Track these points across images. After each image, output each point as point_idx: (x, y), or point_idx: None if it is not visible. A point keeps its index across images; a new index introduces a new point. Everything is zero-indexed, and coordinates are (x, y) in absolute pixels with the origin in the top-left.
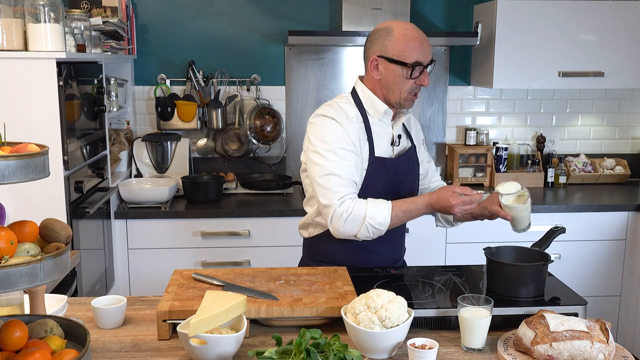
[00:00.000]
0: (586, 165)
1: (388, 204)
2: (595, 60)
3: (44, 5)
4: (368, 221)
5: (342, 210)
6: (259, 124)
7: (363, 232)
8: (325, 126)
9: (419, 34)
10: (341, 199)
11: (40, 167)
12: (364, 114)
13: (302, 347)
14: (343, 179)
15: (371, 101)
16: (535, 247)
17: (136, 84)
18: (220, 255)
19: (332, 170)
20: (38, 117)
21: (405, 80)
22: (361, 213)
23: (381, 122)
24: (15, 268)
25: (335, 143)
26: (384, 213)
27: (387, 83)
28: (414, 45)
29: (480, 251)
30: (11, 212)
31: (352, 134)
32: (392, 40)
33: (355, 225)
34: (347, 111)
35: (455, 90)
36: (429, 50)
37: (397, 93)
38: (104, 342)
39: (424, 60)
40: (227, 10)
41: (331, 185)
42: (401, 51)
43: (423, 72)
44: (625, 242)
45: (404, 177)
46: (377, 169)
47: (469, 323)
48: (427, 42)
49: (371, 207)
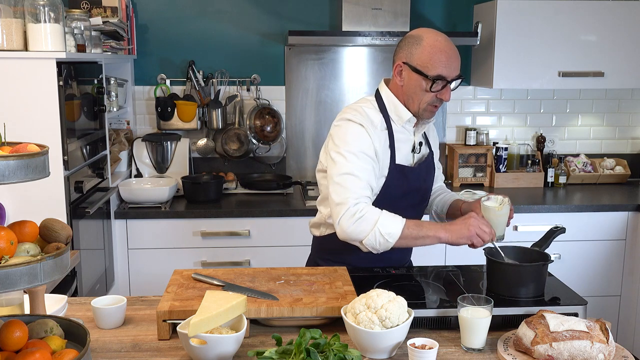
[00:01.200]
0: (586, 165)
1: (402, 218)
2: (595, 60)
3: (44, 5)
4: (378, 227)
5: (355, 210)
6: (259, 124)
7: (370, 238)
8: (351, 130)
9: (448, 47)
10: (356, 199)
11: (40, 167)
12: (388, 120)
13: (302, 347)
14: (361, 180)
15: (395, 107)
16: (535, 247)
17: (136, 84)
18: (220, 255)
19: (351, 171)
20: (38, 117)
21: (426, 92)
22: (374, 217)
23: (404, 129)
24: (15, 268)
25: (358, 147)
26: (397, 225)
27: (408, 91)
28: (439, 58)
29: (480, 251)
30: (11, 212)
31: (376, 141)
32: (419, 49)
33: (365, 229)
34: (372, 118)
35: (455, 90)
36: (457, 65)
37: (417, 103)
38: (104, 342)
39: (448, 75)
40: (227, 10)
41: (348, 185)
42: (426, 62)
43: (445, 87)
44: (625, 242)
45: (420, 184)
46: (396, 177)
47: (469, 323)
48: (455, 56)
49: (385, 215)
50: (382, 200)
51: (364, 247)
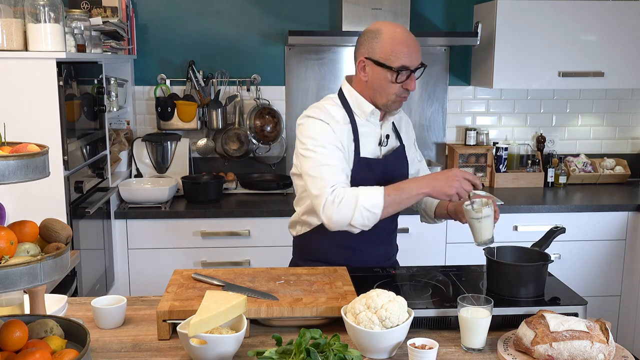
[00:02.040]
0: (586, 165)
1: (380, 187)
2: (595, 60)
3: (44, 5)
4: (362, 204)
5: (333, 197)
6: (259, 124)
7: (357, 217)
8: (313, 126)
9: (408, 38)
10: (333, 187)
11: (40, 167)
12: (351, 114)
13: (302, 347)
14: (335, 168)
15: (357, 102)
16: (535, 247)
17: (136, 84)
18: (220, 255)
19: (324, 162)
20: (38, 117)
21: (391, 84)
22: (353, 197)
23: (369, 122)
24: (15, 268)
25: (324, 139)
26: (377, 194)
27: (373, 85)
28: (401, 49)
29: (480, 251)
30: (11, 212)
31: (340, 134)
32: (379, 43)
33: (349, 211)
34: (333, 113)
35: (455, 90)
36: (418, 54)
37: (385, 96)
38: (104, 342)
39: (411, 64)
40: (227, 10)
41: (323, 175)
42: (388, 54)
43: (410, 76)
44: (625, 242)
45: (391, 177)
46: (362, 170)
47: (469, 323)
48: (416, 45)
49: (362, 191)
50: None
51: (355, 229)
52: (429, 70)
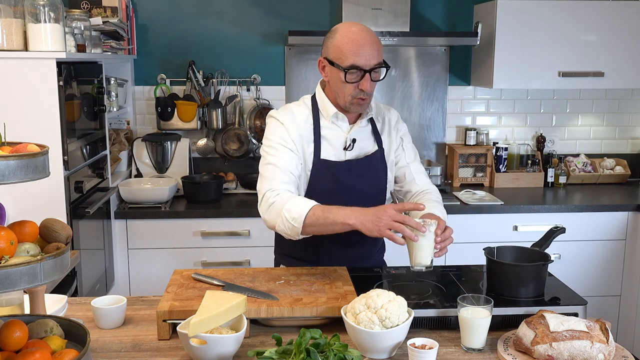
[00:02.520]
0: (586, 165)
1: (311, 202)
2: (595, 60)
3: (44, 5)
4: (284, 213)
5: (268, 196)
6: (259, 124)
7: (280, 225)
8: (270, 125)
9: (361, 36)
10: (272, 188)
11: (40, 167)
12: (317, 115)
13: (302, 347)
14: (280, 169)
15: (322, 103)
16: (535, 247)
17: (136, 84)
18: (220, 255)
19: (269, 160)
20: (38, 117)
21: (344, 83)
22: (281, 204)
23: (335, 125)
24: (15, 268)
25: (275, 140)
26: (302, 208)
27: (333, 85)
28: (351, 48)
29: (480, 251)
30: (11, 212)
31: (293, 132)
32: (333, 42)
33: (274, 215)
34: (296, 113)
35: (455, 90)
36: (373, 53)
37: (342, 97)
38: (104, 342)
39: (363, 64)
40: (227, 10)
41: (268, 173)
42: (338, 54)
43: (364, 76)
44: (625, 242)
45: (354, 181)
46: (321, 171)
47: (469, 323)
48: (370, 44)
49: (294, 201)
50: (314, 195)
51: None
52: (429, 70)
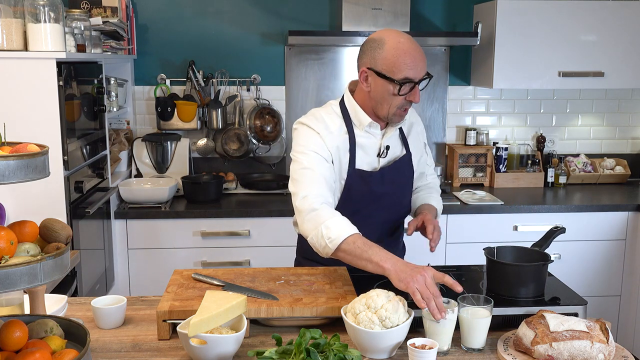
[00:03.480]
0: (586, 165)
1: (353, 228)
2: (595, 60)
3: (44, 5)
4: (322, 229)
5: (312, 202)
6: (259, 124)
7: (314, 237)
8: (304, 133)
9: (412, 48)
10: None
11: (40, 167)
12: (350, 124)
13: (302, 347)
14: (315, 173)
15: (356, 113)
16: (535, 247)
17: (136, 84)
18: (220, 255)
19: (307, 165)
20: (38, 117)
21: (394, 96)
22: (323, 217)
23: (368, 134)
24: (15, 268)
25: (311, 147)
26: (342, 232)
27: (376, 96)
28: (404, 61)
29: (480, 251)
30: (11, 212)
31: (330, 143)
32: (382, 53)
33: (311, 226)
34: (328, 122)
35: (455, 90)
36: (423, 65)
37: (386, 108)
38: (104, 342)
39: (415, 76)
40: (227, 10)
41: (304, 178)
42: (390, 66)
43: (414, 88)
44: (625, 242)
45: (387, 188)
46: (355, 181)
47: (469, 323)
48: (420, 56)
49: (336, 220)
50: (347, 204)
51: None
52: (429, 70)
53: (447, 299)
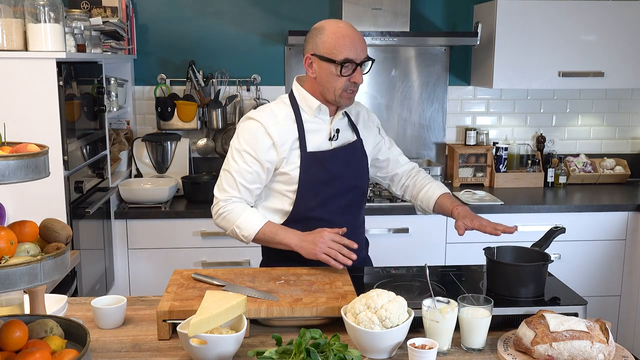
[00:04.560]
0: (586, 165)
1: (262, 221)
2: (595, 60)
3: (44, 5)
4: (235, 229)
5: (220, 206)
6: None
7: (230, 234)
8: (247, 128)
9: (351, 32)
10: (226, 198)
11: (40, 167)
12: (298, 113)
13: (302, 347)
14: (235, 180)
15: (304, 99)
16: (535, 247)
17: (136, 84)
18: (220, 255)
19: (228, 168)
20: (38, 117)
21: (338, 77)
22: (233, 218)
23: (317, 119)
24: (15, 268)
25: (244, 146)
26: (252, 228)
27: (321, 81)
28: (343, 43)
29: (480, 251)
30: (11, 212)
31: (277, 135)
32: (322, 38)
33: (225, 226)
34: (276, 112)
35: (455, 90)
36: (362, 47)
37: (332, 91)
38: (104, 342)
39: (355, 57)
40: (227, 10)
41: (223, 182)
42: (331, 49)
43: (356, 70)
44: (625, 242)
45: (342, 169)
46: (310, 163)
47: (469, 323)
48: (359, 39)
49: (245, 217)
50: (307, 189)
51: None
52: (429, 70)
53: (447, 299)
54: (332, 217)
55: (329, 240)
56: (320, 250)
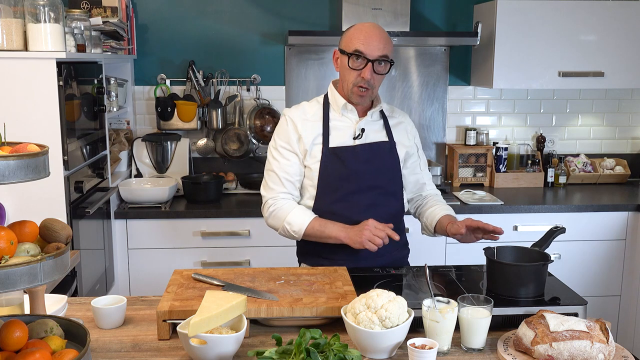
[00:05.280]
0: (586, 165)
1: (310, 216)
2: (595, 60)
3: (44, 5)
4: (285, 225)
5: (270, 204)
6: (259, 124)
7: (281, 231)
8: (280, 125)
9: (371, 28)
10: (273, 195)
11: (40, 167)
12: (327, 110)
13: (302, 347)
14: (279, 177)
15: (334, 98)
16: (535, 247)
17: (136, 84)
18: (220, 255)
19: (272, 167)
20: (38, 117)
21: (349, 70)
22: (283, 215)
23: (344, 117)
24: (15, 268)
25: (279, 142)
26: (301, 222)
27: (340, 75)
28: (357, 35)
29: (480, 251)
30: (11, 212)
31: (302, 129)
32: (346, 34)
33: (275, 223)
34: (307, 109)
35: (455, 90)
36: (378, 45)
37: (346, 84)
38: (104, 342)
39: (366, 51)
40: (227, 10)
41: (268, 181)
42: (347, 41)
43: (366, 66)
44: (625, 242)
45: (362, 166)
46: (330, 159)
47: (469, 323)
48: (377, 37)
49: (294, 213)
50: (326, 183)
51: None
52: (429, 70)
53: (447, 299)
54: (352, 214)
55: (373, 227)
56: (366, 238)
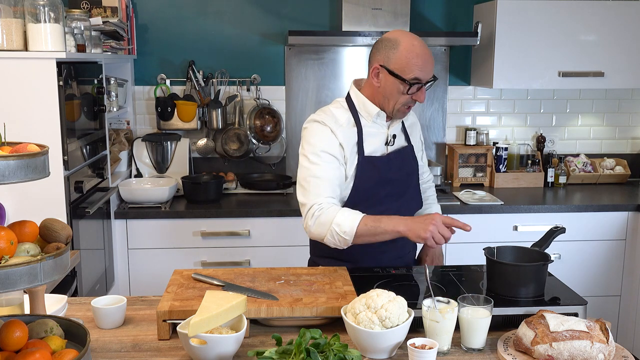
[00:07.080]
0: (586, 165)
1: (359, 214)
2: (595, 60)
3: (44, 5)
4: (333, 227)
5: (314, 210)
6: (259, 124)
7: (329, 237)
8: (315, 130)
9: (424, 51)
10: (316, 200)
11: (40, 167)
12: (357, 117)
13: (302, 347)
14: (323, 181)
15: (363, 105)
16: (535, 247)
17: (136, 84)
18: (220, 255)
19: (314, 173)
20: (38, 117)
21: (402, 94)
22: (329, 218)
23: (375, 124)
24: (15, 268)
25: (320, 147)
26: (352, 221)
27: (384, 92)
28: (415, 62)
29: (480, 251)
30: (11, 212)
31: (342, 137)
32: (396, 54)
33: (323, 229)
34: (337, 116)
35: (455, 90)
36: (431, 68)
37: (392, 104)
38: (104, 342)
39: (424, 78)
40: (227, 10)
41: (310, 187)
42: (403, 66)
43: (420, 89)
44: (625, 242)
45: (392, 174)
46: (366, 167)
47: (469, 323)
48: (430, 59)
49: (341, 214)
50: (358, 192)
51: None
52: None
53: (447, 299)
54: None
55: (440, 224)
56: (430, 234)
